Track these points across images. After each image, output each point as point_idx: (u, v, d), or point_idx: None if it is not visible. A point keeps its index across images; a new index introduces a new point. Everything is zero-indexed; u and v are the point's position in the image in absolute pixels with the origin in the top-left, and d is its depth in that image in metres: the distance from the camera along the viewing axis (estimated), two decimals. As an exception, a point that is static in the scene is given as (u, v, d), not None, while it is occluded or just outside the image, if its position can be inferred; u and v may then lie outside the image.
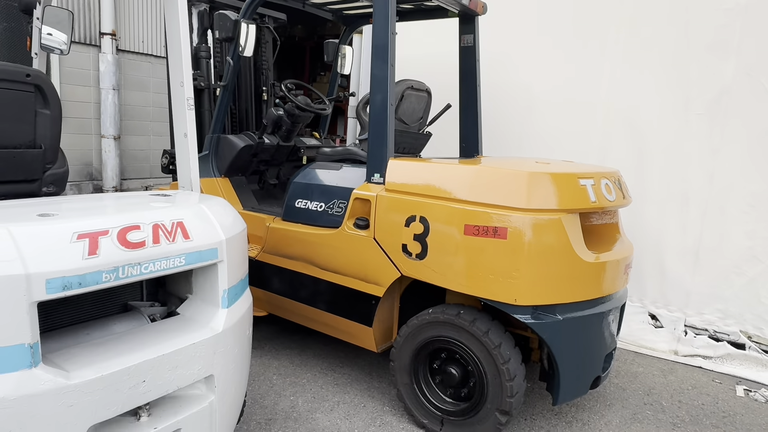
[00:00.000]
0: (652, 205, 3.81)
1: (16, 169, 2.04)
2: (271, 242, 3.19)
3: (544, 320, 2.35)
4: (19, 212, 1.60)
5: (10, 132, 1.99)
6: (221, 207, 2.05)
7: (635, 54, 3.81)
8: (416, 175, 2.60)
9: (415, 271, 2.56)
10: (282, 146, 3.84)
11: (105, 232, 1.54)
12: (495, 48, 4.26)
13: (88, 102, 6.76)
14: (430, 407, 2.63)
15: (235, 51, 3.43)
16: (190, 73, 2.18)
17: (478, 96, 3.57)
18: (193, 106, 2.22)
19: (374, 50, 2.78)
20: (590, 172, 2.51)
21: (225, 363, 1.89)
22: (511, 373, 2.36)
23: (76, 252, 1.46)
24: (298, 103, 3.61)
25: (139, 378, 1.60)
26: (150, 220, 1.67)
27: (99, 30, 6.74)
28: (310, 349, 3.49)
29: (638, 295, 3.94)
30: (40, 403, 1.39)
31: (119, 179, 7.11)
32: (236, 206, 3.53)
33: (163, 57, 7.17)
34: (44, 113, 2.06)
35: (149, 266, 1.63)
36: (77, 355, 1.57)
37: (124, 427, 1.64)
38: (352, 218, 2.79)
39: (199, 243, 1.79)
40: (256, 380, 3.03)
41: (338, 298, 2.88)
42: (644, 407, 3.06)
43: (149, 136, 7.59)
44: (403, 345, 2.66)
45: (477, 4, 3.36)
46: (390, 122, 2.73)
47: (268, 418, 2.69)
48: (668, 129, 3.72)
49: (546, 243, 2.28)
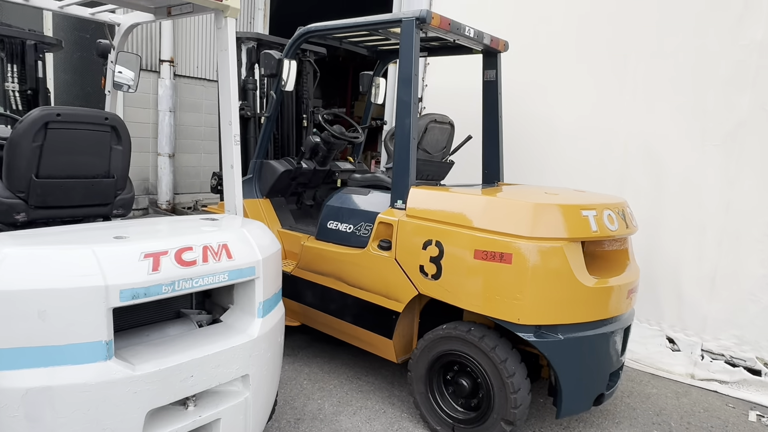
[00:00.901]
0: (669, 232, 3.93)
1: (94, 195, 2.45)
2: (305, 259, 3.53)
3: (547, 339, 2.57)
4: (99, 235, 1.98)
5: (91, 165, 2.40)
6: (260, 230, 2.38)
7: (654, 86, 3.98)
8: (434, 202, 2.88)
9: (431, 290, 2.83)
10: (318, 170, 4.20)
11: (165, 252, 1.89)
12: (520, 80, 4.50)
13: (147, 123, 7.39)
14: (443, 415, 2.87)
15: (278, 85, 3.81)
16: (237, 113, 2.55)
17: (500, 126, 3.81)
18: (239, 141, 2.59)
19: (399, 86, 3.09)
20: (593, 204, 2.72)
21: (259, 365, 2.21)
22: (515, 386, 2.58)
23: (143, 268, 1.81)
24: (333, 132, 3.96)
25: (189, 373, 1.94)
26: (200, 242, 2.03)
27: (159, 57, 7.37)
28: (339, 358, 3.79)
29: (656, 318, 4.06)
30: (112, 389, 1.75)
31: (172, 194, 7.69)
32: (275, 225, 3.92)
33: (215, 81, 7.73)
34: (117, 149, 2.47)
35: (199, 281, 1.98)
36: (140, 352, 1.92)
37: (175, 414, 1.98)
38: (376, 240, 3.09)
39: (240, 262, 2.13)
40: (288, 384, 3.35)
41: (363, 312, 3.17)
42: (652, 426, 3.20)
43: (200, 154, 8.16)
44: (420, 357, 2.92)
45: (498, 42, 3.62)
46: (412, 154, 3.02)
47: (297, 418, 3.00)
48: (686, 159, 3.85)
49: (548, 268, 2.51)
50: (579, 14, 4.34)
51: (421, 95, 5.37)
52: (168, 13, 2.77)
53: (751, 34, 3.56)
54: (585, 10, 4.31)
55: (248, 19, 8.62)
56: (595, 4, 4.27)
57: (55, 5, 2.92)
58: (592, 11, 4.27)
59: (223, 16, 2.47)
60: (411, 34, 3.00)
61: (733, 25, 3.63)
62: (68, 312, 1.69)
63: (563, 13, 4.41)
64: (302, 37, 3.64)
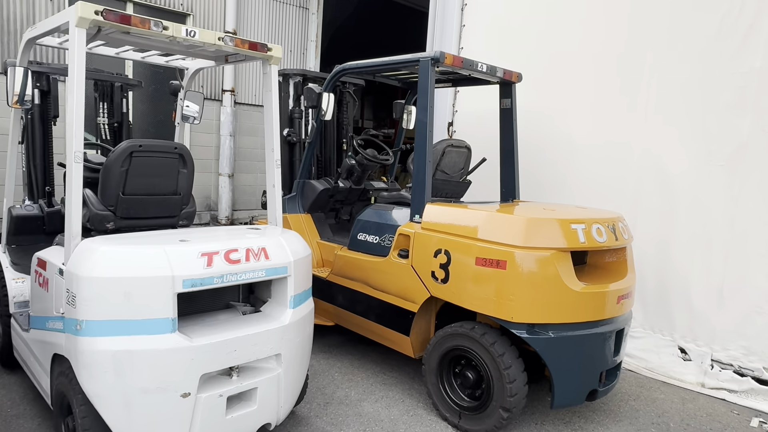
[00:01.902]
0: (679, 246, 4.17)
1: (164, 209, 3.07)
2: (338, 266, 4.04)
3: (539, 336, 2.94)
4: (168, 238, 2.56)
5: (162, 185, 3.01)
6: (294, 238, 2.91)
7: (663, 111, 4.26)
8: (444, 217, 3.32)
9: (440, 293, 3.26)
10: (354, 189, 4.73)
11: (217, 252, 2.45)
12: (540, 105, 4.89)
13: (210, 146, 8.22)
14: (452, 403, 3.27)
15: (318, 115, 4.38)
16: (278, 142, 3.11)
17: (515, 149, 4.21)
18: (280, 165, 3.15)
19: (418, 115, 3.57)
20: (583, 218, 3.08)
21: (289, 347, 2.72)
22: (512, 377, 2.96)
23: (200, 264, 2.37)
24: (366, 155, 4.48)
25: (233, 347, 2.47)
26: (245, 246, 2.57)
27: (222, 88, 8.21)
28: (367, 356, 4.25)
29: (669, 329, 4.27)
30: (176, 354, 2.30)
31: (231, 210, 8.46)
32: (315, 237, 4.46)
33: (270, 108, 8.50)
34: (183, 172, 3.07)
35: (242, 276, 2.52)
36: (197, 330, 2.47)
37: (222, 380, 2.51)
38: (396, 249, 3.56)
39: (275, 262, 2.66)
40: (320, 375, 3.85)
41: (384, 312, 3.64)
42: (650, 426, 3.45)
43: (257, 174, 8.92)
44: (432, 352, 3.34)
45: (512, 74, 4.04)
46: (428, 174, 3.49)
47: (326, 402, 3.48)
48: (693, 178, 4.10)
49: (538, 274, 2.90)
50: (593, 45, 4.69)
51: (451, 120, 5.83)
52: (225, 60, 3.39)
53: (751, 62, 3.81)
54: (599, 41, 4.65)
55: (301, 51, 9.39)
56: (608, 35, 4.60)
57: (139, 56, 3.61)
58: (606, 41, 4.61)
59: (269, 64, 3.05)
60: (427, 71, 3.49)
61: (734, 54, 3.89)
62: (146, 294, 2.26)
63: (579, 44, 4.77)
64: (338, 74, 4.20)
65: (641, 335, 4.40)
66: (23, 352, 3.15)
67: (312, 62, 9.40)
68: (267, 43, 2.96)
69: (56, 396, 2.61)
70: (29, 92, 3.09)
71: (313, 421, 3.23)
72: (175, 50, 3.29)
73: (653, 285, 4.34)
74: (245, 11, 8.43)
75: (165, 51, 3.36)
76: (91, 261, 2.29)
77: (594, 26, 4.71)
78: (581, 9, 4.80)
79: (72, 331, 2.33)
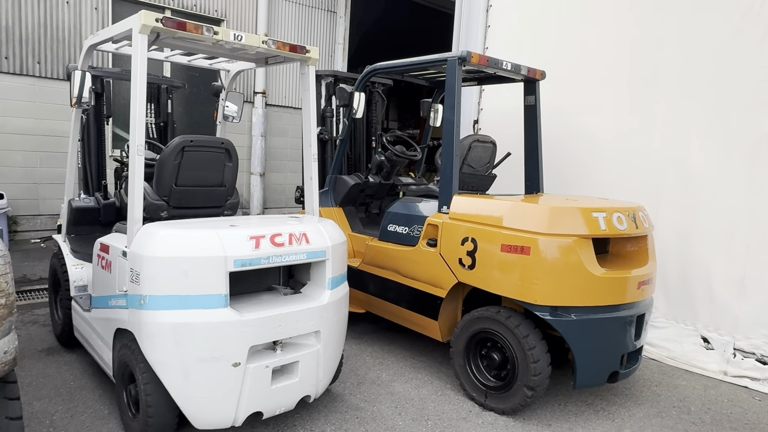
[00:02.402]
0: (701, 237, 4.27)
1: (211, 199, 3.33)
2: (369, 256, 4.26)
3: (561, 318, 3.11)
4: (219, 224, 2.80)
5: (210, 177, 3.28)
6: (331, 226, 3.14)
7: (684, 104, 4.37)
8: (471, 207, 3.50)
9: (467, 278, 3.44)
10: (383, 184, 4.94)
11: (263, 236, 2.69)
12: (563, 100, 5.03)
13: (242, 146, 8.54)
14: (478, 383, 3.45)
15: (350, 114, 4.61)
16: (315, 138, 3.34)
17: (539, 144, 4.36)
18: (317, 159, 3.38)
19: (445, 113, 3.76)
20: (604, 207, 3.23)
21: (327, 325, 2.95)
22: (535, 357, 3.13)
23: (248, 246, 2.62)
24: (394, 152, 4.70)
25: (277, 323, 2.70)
26: (288, 231, 2.81)
27: (254, 90, 8.54)
28: (398, 342, 4.45)
29: (691, 319, 4.37)
30: (228, 327, 2.54)
31: (262, 208, 8.78)
32: (346, 229, 4.69)
33: (299, 108, 8.79)
34: (229, 165, 3.33)
35: (286, 258, 2.75)
36: (245, 307, 2.71)
37: (267, 353, 2.75)
38: (425, 239, 3.76)
39: (315, 246, 2.89)
40: (354, 358, 4.07)
41: (414, 298, 3.84)
42: (671, 409, 3.57)
43: (286, 173, 9.24)
44: (460, 335, 3.53)
45: (536, 72, 4.20)
46: (455, 168, 3.68)
47: (359, 382, 3.69)
48: (713, 170, 4.19)
49: (560, 259, 3.06)
50: (615, 43, 4.81)
51: (477, 117, 6.00)
52: (265, 62, 3.65)
53: (771, 57, 3.90)
54: (621, 38, 4.78)
55: (329, 53, 9.68)
56: (629, 32, 4.73)
57: (185, 60, 3.90)
58: (628, 38, 4.73)
59: (306, 65, 3.29)
60: (454, 71, 3.68)
61: (754, 49, 3.98)
62: (202, 272, 2.51)
63: (601, 42, 4.90)
64: (368, 74, 4.43)
65: (664, 325, 4.50)
66: (84, 331, 3.45)
67: (339, 64, 9.67)
68: (305, 46, 3.20)
69: (119, 367, 2.89)
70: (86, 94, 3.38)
71: (347, 398, 3.44)
72: (219, 53, 3.56)
73: (676, 276, 4.44)
74: (276, 16, 8.75)
75: (210, 54, 3.63)
76: (153, 243, 2.55)
77: (615, 24, 4.83)
78: (603, 7, 4.93)
79: (136, 306, 2.60)
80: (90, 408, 3.12)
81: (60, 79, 6.72)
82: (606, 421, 3.34)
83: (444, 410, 3.36)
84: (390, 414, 3.27)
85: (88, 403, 3.17)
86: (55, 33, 6.73)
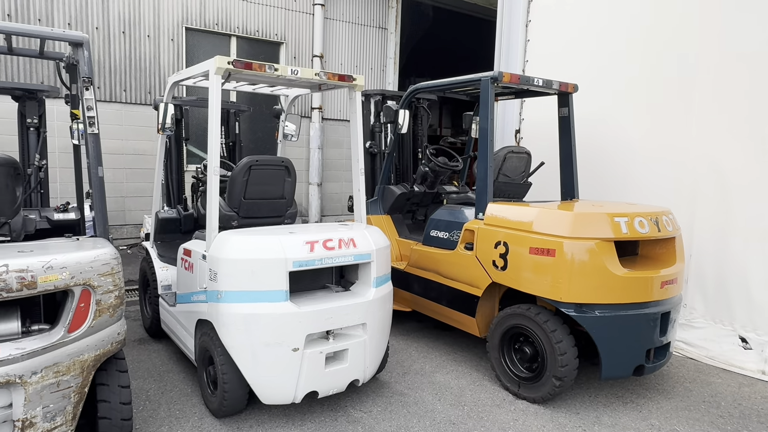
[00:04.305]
0: (737, 238, 4.38)
1: (274, 210, 3.86)
2: (414, 259, 4.67)
3: (586, 314, 3.39)
4: (281, 231, 3.31)
5: (272, 191, 3.80)
6: (376, 232, 3.58)
7: (717, 109, 4.50)
8: (503, 214, 3.85)
9: (500, 278, 3.79)
10: (428, 192, 5.35)
11: (317, 241, 3.17)
12: (602, 109, 5.25)
13: (301, 158, 9.19)
14: (512, 375, 3.77)
15: (396, 129, 5.05)
16: (362, 153, 3.79)
17: (573, 153, 4.63)
18: (364, 172, 3.84)
19: (480, 127, 4.13)
20: (626, 212, 3.49)
21: (372, 319, 3.38)
22: (563, 350, 3.43)
23: (305, 249, 3.10)
24: (437, 163, 5.09)
25: (329, 315, 3.17)
26: (338, 236, 3.28)
27: (311, 105, 9.17)
28: (441, 339, 4.83)
29: (729, 319, 4.48)
30: (288, 318, 3.03)
31: (320, 216, 9.37)
32: (393, 235, 5.13)
33: (354, 122, 9.36)
34: (288, 180, 3.85)
35: (336, 260, 3.22)
36: (302, 301, 3.20)
37: (321, 341, 3.22)
38: (463, 243, 4.13)
39: (361, 250, 3.34)
40: (400, 352, 4.48)
41: (453, 297, 4.21)
42: (701, 403, 3.74)
43: (342, 183, 9.80)
44: (495, 330, 3.87)
45: (567, 86, 4.48)
46: (490, 177, 4.03)
47: (404, 372, 4.10)
48: (749, 174, 4.30)
49: (583, 260, 3.36)
50: (650, 51, 4.99)
51: (518, 127, 6.29)
52: (319, 88, 4.16)
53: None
54: (655, 46, 4.96)
55: (381, 68, 10.19)
56: (662, 40, 4.90)
57: (250, 89, 4.48)
58: (661, 46, 4.91)
59: (354, 90, 3.76)
60: (487, 89, 4.05)
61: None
62: (266, 272, 3.02)
63: (635, 51, 5.09)
64: (412, 93, 4.86)
65: (702, 325, 4.63)
66: (170, 323, 4.06)
67: (391, 77, 10.17)
68: (352, 75, 3.67)
69: (200, 352, 3.45)
70: (169, 121, 3.98)
71: (393, 385, 3.86)
72: (279, 83, 4.09)
73: (713, 277, 4.56)
74: (330, 36, 9.36)
75: (271, 83, 4.18)
76: (228, 247, 3.09)
77: (649, 33, 5.02)
78: (636, 18, 5.12)
79: (214, 299, 3.14)
80: (177, 387, 3.71)
81: (142, 104, 7.59)
82: (633, 412, 3.58)
83: (480, 398, 3.71)
84: (430, 400, 3.66)
85: (174, 383, 3.76)
86: (138, 63, 7.60)
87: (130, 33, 7.50)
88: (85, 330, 2.46)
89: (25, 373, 2.27)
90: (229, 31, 8.28)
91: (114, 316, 2.60)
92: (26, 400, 2.29)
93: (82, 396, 2.50)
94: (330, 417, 3.36)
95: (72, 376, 2.43)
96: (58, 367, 2.37)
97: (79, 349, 2.45)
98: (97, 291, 2.48)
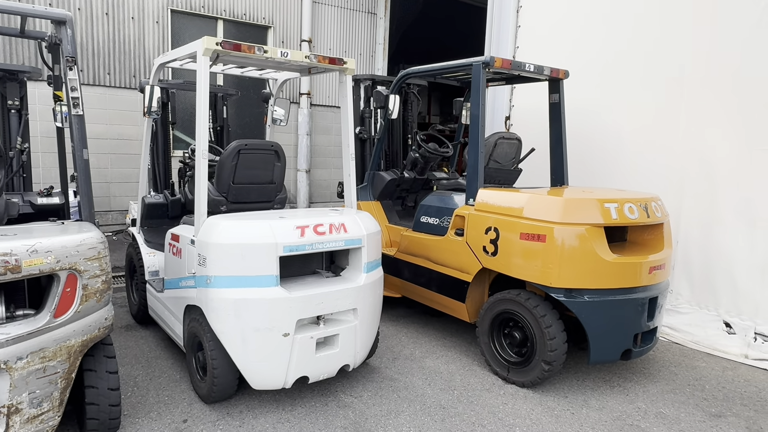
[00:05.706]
0: (724, 226, 4.44)
1: (263, 195, 3.81)
2: (404, 245, 4.66)
3: (575, 299, 3.42)
4: (270, 216, 3.28)
5: (262, 175, 3.75)
6: (367, 217, 3.56)
7: (706, 101, 4.53)
8: (494, 199, 3.84)
9: (491, 264, 3.79)
10: (418, 179, 5.33)
11: (308, 226, 3.14)
12: (591, 96, 5.25)
13: (289, 144, 9.09)
14: (501, 360, 3.80)
15: (386, 115, 5.01)
16: (353, 138, 3.75)
17: (563, 139, 4.63)
18: (354, 158, 3.80)
19: (471, 112, 4.10)
20: (616, 198, 3.51)
21: (363, 304, 3.37)
22: (552, 334, 3.45)
23: (295, 234, 3.07)
24: (427, 149, 5.07)
25: (320, 300, 3.15)
26: (328, 221, 3.25)
27: (299, 91, 9.07)
28: (430, 325, 4.84)
29: (714, 304, 4.55)
30: (278, 303, 3.01)
31: (308, 202, 9.32)
32: (383, 221, 5.11)
33: (342, 108, 9.28)
34: (278, 165, 3.80)
35: (327, 245, 3.20)
36: (293, 286, 3.17)
37: (312, 326, 3.20)
38: (453, 229, 4.13)
39: (352, 235, 3.32)
40: (390, 338, 4.49)
41: (443, 282, 4.22)
42: (686, 387, 3.81)
43: (331, 169, 9.74)
44: (484, 315, 3.89)
45: (559, 72, 4.47)
46: (481, 163, 4.02)
47: (394, 357, 4.11)
48: (734, 162, 4.35)
49: (573, 246, 3.37)
50: (640, 41, 5.00)
51: (509, 114, 6.28)
52: (308, 72, 4.10)
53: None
54: (646, 36, 4.96)
55: (370, 53, 10.09)
56: (653, 32, 4.91)
57: (239, 72, 4.40)
58: (652, 37, 4.91)
59: (344, 74, 3.71)
60: (479, 74, 4.02)
61: (774, 43, 4.12)
62: (257, 257, 2.98)
63: (626, 40, 5.10)
64: (402, 78, 4.81)
65: (688, 311, 4.70)
66: (158, 309, 4.02)
67: (380, 63, 10.08)
68: (343, 58, 3.62)
69: (188, 337, 3.42)
70: (155, 105, 3.90)
71: (383, 371, 3.87)
72: (268, 66, 4.03)
73: (699, 264, 4.62)
74: (319, 20, 9.23)
75: (260, 66, 4.11)
76: (217, 232, 3.05)
77: (641, 21, 5.01)
78: (629, 6, 5.12)
79: (203, 285, 3.10)
80: (165, 373, 3.68)
81: (127, 88, 7.44)
82: (620, 395, 3.63)
83: (470, 382, 3.73)
84: (420, 384, 3.68)
85: (163, 369, 3.73)
86: (122, 46, 7.44)
87: (114, 14, 7.33)
88: (72, 315, 2.42)
89: (10, 358, 2.23)
90: (216, 13, 8.12)
91: (101, 301, 2.56)
92: (12, 386, 2.25)
93: (69, 382, 2.47)
94: (320, 402, 3.36)
95: (59, 361, 2.39)
96: (44, 352, 2.33)
97: (66, 335, 2.41)
98: (84, 275, 2.44)
